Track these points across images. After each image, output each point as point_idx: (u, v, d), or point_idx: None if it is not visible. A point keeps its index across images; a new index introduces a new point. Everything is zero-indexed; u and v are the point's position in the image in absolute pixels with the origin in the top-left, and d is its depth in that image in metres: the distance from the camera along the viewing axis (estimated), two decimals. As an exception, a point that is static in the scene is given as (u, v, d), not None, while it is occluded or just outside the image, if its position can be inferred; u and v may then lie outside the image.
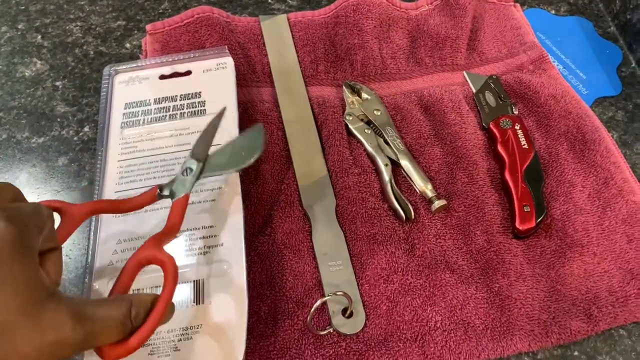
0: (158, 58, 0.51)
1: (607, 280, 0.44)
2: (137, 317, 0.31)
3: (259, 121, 0.51)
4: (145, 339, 0.31)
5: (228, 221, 0.42)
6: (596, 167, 0.49)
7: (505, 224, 0.47)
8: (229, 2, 0.62)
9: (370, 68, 0.55)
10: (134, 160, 0.45)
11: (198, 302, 0.39)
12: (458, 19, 0.56)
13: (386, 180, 0.48)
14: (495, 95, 0.53)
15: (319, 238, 0.45)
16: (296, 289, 0.43)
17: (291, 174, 0.48)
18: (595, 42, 0.61)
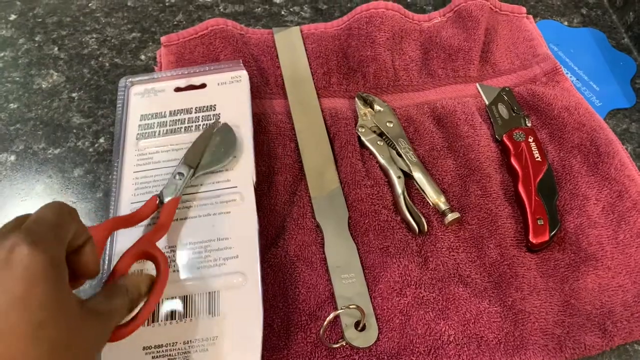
0: (173, 71, 0.52)
1: (621, 295, 0.44)
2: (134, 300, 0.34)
3: (272, 133, 0.51)
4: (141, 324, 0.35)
5: (243, 233, 0.43)
6: (610, 180, 0.48)
7: (519, 237, 0.47)
8: (243, 15, 0.62)
9: (383, 80, 0.55)
10: (150, 172, 0.46)
11: (213, 314, 0.39)
12: (471, 31, 0.56)
13: (399, 192, 0.48)
14: (508, 107, 0.53)
15: (332, 251, 0.45)
16: (309, 301, 0.43)
17: (304, 185, 0.49)
18: (608, 54, 0.60)
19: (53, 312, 0.27)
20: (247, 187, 0.45)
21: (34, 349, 0.26)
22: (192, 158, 0.44)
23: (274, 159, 0.49)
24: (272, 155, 0.50)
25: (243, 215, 0.43)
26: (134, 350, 0.38)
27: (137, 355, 0.38)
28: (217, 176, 0.45)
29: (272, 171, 0.49)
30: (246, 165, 0.46)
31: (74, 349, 0.28)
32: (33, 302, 0.26)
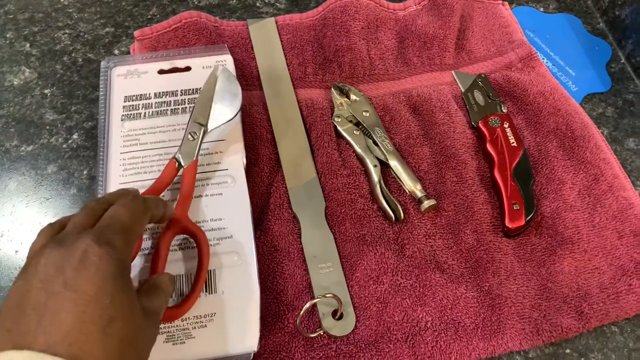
0: (157, 53, 0.52)
1: (597, 277, 0.44)
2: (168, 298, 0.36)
3: (247, 124, 0.51)
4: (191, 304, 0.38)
5: (235, 214, 0.43)
6: (586, 164, 0.49)
7: (496, 223, 0.47)
8: (218, 7, 0.62)
9: (359, 69, 0.55)
10: (137, 153, 0.46)
11: (210, 291, 0.40)
12: (445, 19, 0.56)
13: (375, 181, 0.47)
14: (484, 94, 0.53)
15: (309, 240, 0.45)
16: (286, 292, 0.43)
17: (280, 176, 0.48)
18: (584, 39, 0.61)
19: (121, 310, 0.29)
20: (237, 169, 0.46)
21: (105, 343, 0.28)
22: (201, 114, 0.44)
23: (250, 150, 0.49)
24: (248, 147, 0.49)
25: (235, 197, 0.44)
26: None
27: None
28: (207, 158, 0.46)
29: (249, 163, 0.48)
30: (236, 148, 0.46)
31: (138, 345, 0.30)
32: (104, 301, 0.29)
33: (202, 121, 0.44)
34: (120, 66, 0.51)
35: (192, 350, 0.38)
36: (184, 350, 0.38)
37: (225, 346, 0.38)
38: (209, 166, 0.45)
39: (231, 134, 0.47)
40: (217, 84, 0.46)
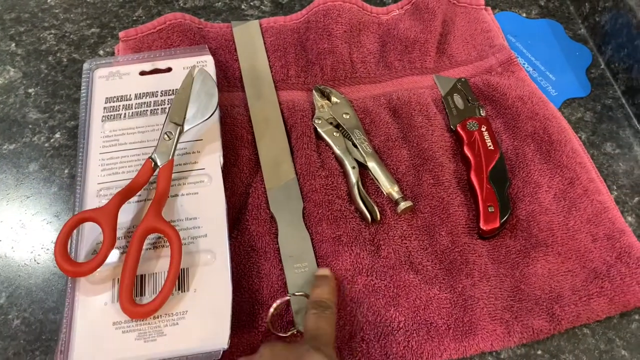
0: (139, 54, 0.53)
1: (570, 280, 0.44)
2: None
3: (228, 125, 0.51)
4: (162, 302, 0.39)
5: (211, 213, 0.44)
6: (562, 168, 0.49)
7: (471, 225, 0.47)
8: (203, 9, 0.62)
9: (340, 72, 0.56)
10: (116, 153, 0.47)
11: (183, 289, 0.41)
12: (427, 23, 0.57)
13: (353, 182, 0.48)
14: (463, 97, 0.54)
15: (285, 240, 0.45)
16: (262, 291, 0.43)
17: (259, 177, 0.49)
18: (565, 44, 0.61)
19: None
20: (214, 168, 0.46)
21: None
22: (177, 114, 0.45)
23: (230, 151, 0.50)
24: (228, 148, 0.50)
25: (211, 196, 0.45)
26: (104, 325, 0.39)
27: (107, 331, 0.39)
28: (185, 158, 0.46)
29: (229, 163, 0.49)
30: (213, 147, 0.47)
31: None
32: None
33: (178, 121, 0.45)
34: (103, 68, 0.51)
35: (163, 347, 0.38)
36: (155, 347, 0.38)
37: (195, 343, 0.38)
38: (185, 165, 0.46)
39: (209, 133, 0.48)
40: (193, 84, 0.46)
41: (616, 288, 0.43)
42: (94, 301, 0.40)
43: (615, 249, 0.45)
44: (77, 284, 0.41)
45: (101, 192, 0.45)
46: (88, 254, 0.42)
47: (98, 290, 0.40)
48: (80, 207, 0.44)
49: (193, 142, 0.47)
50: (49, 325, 0.43)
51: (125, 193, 0.42)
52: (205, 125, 0.47)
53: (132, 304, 0.39)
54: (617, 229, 0.46)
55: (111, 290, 0.40)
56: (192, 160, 0.46)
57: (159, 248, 0.42)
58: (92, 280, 0.41)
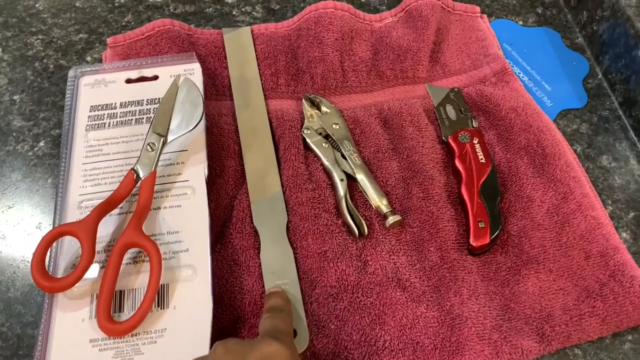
0: (125, 62, 0.52)
1: (562, 298, 0.43)
2: None
3: (215, 134, 0.50)
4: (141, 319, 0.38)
5: (193, 227, 0.43)
6: (555, 182, 0.48)
7: (461, 240, 0.46)
8: (194, 15, 0.61)
9: (331, 81, 0.54)
10: (99, 164, 0.46)
11: (162, 306, 0.40)
12: (420, 32, 0.55)
13: (341, 195, 0.47)
14: (456, 108, 0.53)
15: (267, 256, 0.44)
16: (243, 307, 0.42)
17: (245, 189, 0.48)
18: (562, 53, 0.60)
19: None
20: (198, 180, 0.45)
21: None
22: (160, 125, 0.44)
23: (216, 162, 0.49)
24: (214, 158, 0.49)
25: (194, 209, 0.44)
26: (81, 342, 0.38)
27: (84, 348, 0.38)
28: (168, 169, 0.45)
29: (214, 174, 0.48)
30: (198, 159, 0.46)
31: None
32: None
33: (162, 132, 0.44)
34: (88, 75, 0.50)
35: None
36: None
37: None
38: (169, 177, 0.45)
39: (194, 144, 0.47)
40: (178, 94, 0.45)
41: (609, 308, 0.42)
42: (72, 317, 0.39)
43: (608, 266, 0.44)
44: (54, 299, 0.40)
45: (82, 204, 0.44)
46: (67, 268, 0.41)
47: (76, 306, 0.40)
48: (60, 219, 0.43)
49: (178, 153, 0.46)
50: (27, 341, 0.42)
51: (105, 206, 0.41)
52: (191, 135, 0.46)
53: (109, 321, 0.38)
54: (611, 245, 0.45)
55: (89, 306, 0.40)
56: (176, 171, 0.45)
57: (139, 263, 0.41)
58: (70, 296, 0.40)
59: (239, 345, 0.33)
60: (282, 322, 0.37)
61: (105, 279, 0.39)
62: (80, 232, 0.39)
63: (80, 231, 0.40)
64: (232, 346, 0.33)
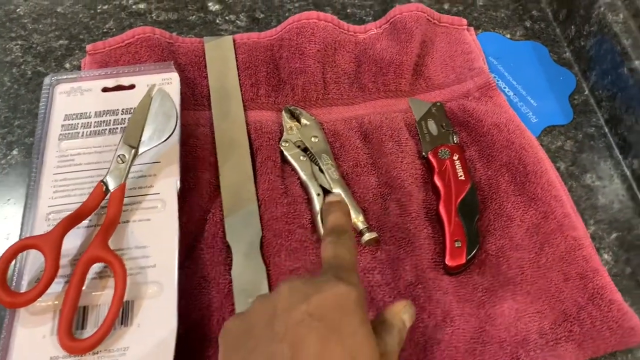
0: (102, 70, 0.51)
1: (538, 322, 0.42)
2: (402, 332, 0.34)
3: (190, 145, 0.49)
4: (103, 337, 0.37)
5: (162, 242, 0.42)
6: (536, 201, 0.47)
7: (438, 259, 0.45)
8: (176, 22, 0.60)
9: (312, 93, 0.54)
10: (70, 174, 0.45)
11: (126, 324, 0.39)
12: (404, 44, 0.54)
13: (317, 210, 0.46)
14: (437, 123, 0.52)
15: (239, 272, 0.43)
16: (211, 326, 0.41)
17: (219, 203, 0.47)
18: (549, 68, 0.59)
19: (363, 344, 0.29)
20: (170, 194, 0.44)
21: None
22: (131, 136, 0.43)
23: (190, 174, 0.48)
24: (188, 170, 0.48)
25: (163, 223, 0.43)
26: None
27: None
28: (140, 181, 0.44)
29: (187, 187, 0.47)
30: (171, 171, 0.45)
31: None
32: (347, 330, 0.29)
33: (133, 143, 0.43)
34: (64, 83, 0.50)
35: (99, 387, 0.36)
36: (91, 386, 0.36)
37: None
38: (140, 189, 0.44)
39: (167, 156, 0.46)
40: (151, 104, 0.44)
41: (585, 332, 0.41)
42: (33, 333, 0.38)
43: (587, 289, 0.43)
44: (16, 314, 0.39)
45: (50, 216, 0.43)
46: (31, 282, 0.40)
47: (38, 321, 0.38)
48: (28, 231, 0.42)
49: (150, 165, 0.45)
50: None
51: (72, 219, 0.40)
52: (164, 147, 0.45)
53: (70, 338, 0.37)
54: (591, 267, 0.44)
55: (52, 322, 0.38)
56: (148, 184, 0.45)
57: (105, 278, 0.40)
58: (32, 311, 0.39)
59: (304, 285, 0.31)
60: (346, 251, 0.35)
61: (68, 295, 0.38)
62: (44, 246, 0.39)
63: (45, 244, 0.39)
64: (297, 286, 0.31)
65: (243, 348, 0.30)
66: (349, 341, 0.29)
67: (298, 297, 0.30)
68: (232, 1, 0.62)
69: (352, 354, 0.28)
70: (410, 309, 0.35)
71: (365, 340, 0.29)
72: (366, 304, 0.32)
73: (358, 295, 0.31)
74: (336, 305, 0.30)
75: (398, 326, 0.33)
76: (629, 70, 0.51)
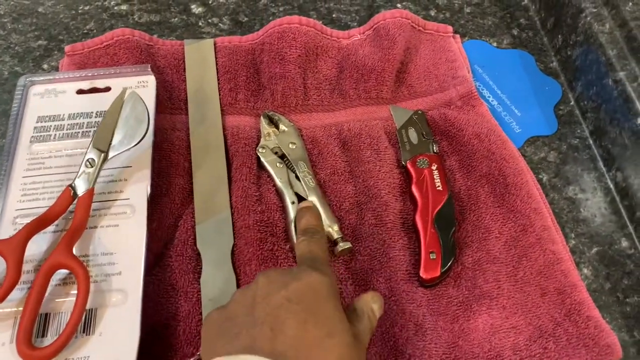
0: (77, 72, 0.50)
1: (513, 337, 0.41)
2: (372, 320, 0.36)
3: (165, 150, 0.48)
4: (62, 346, 0.36)
5: (129, 249, 0.41)
6: (515, 213, 0.46)
7: (412, 271, 0.44)
8: (158, 25, 0.60)
9: (291, 99, 0.53)
10: (40, 178, 0.44)
11: (88, 332, 0.38)
12: (386, 51, 0.54)
13: (291, 218, 0.45)
14: (418, 131, 0.51)
15: (208, 281, 0.42)
16: (177, 336, 0.40)
17: (191, 209, 0.46)
18: (535, 78, 0.58)
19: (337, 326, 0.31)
20: (140, 199, 0.43)
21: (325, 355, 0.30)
22: (101, 140, 0.42)
23: (163, 178, 0.47)
24: (161, 175, 0.47)
25: (131, 230, 0.42)
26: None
27: None
28: (110, 186, 0.44)
29: (160, 192, 0.46)
30: (142, 176, 0.44)
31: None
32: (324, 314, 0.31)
33: (103, 147, 0.42)
34: (39, 85, 0.49)
35: (58, 396, 0.35)
36: (50, 396, 0.35)
37: None
38: (110, 195, 0.43)
39: (139, 160, 0.45)
40: (123, 108, 0.43)
41: (561, 350, 0.40)
42: (-8, 341, 0.37)
43: (565, 305, 0.42)
44: (-25, 321, 0.38)
45: (17, 220, 0.42)
46: (-7, 288, 0.39)
47: (-3, 328, 0.38)
48: None
49: (121, 169, 0.45)
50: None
51: (38, 223, 0.40)
52: (136, 151, 0.44)
53: (28, 346, 0.36)
54: (569, 282, 0.43)
55: (12, 329, 0.38)
56: (118, 189, 0.44)
57: (69, 285, 0.39)
58: (-8, 318, 0.38)
59: (281, 274, 0.33)
60: (318, 247, 0.38)
61: (28, 302, 0.37)
62: (5, 250, 0.38)
63: (6, 249, 0.38)
64: (274, 275, 0.33)
65: (226, 335, 0.31)
66: (325, 323, 0.31)
67: (276, 285, 0.32)
68: (215, 4, 0.62)
69: (329, 334, 0.30)
70: (379, 299, 0.36)
71: (339, 323, 0.31)
72: (339, 293, 0.34)
73: (331, 284, 0.33)
74: (312, 291, 0.32)
75: (368, 314, 0.35)
76: (613, 81, 0.50)
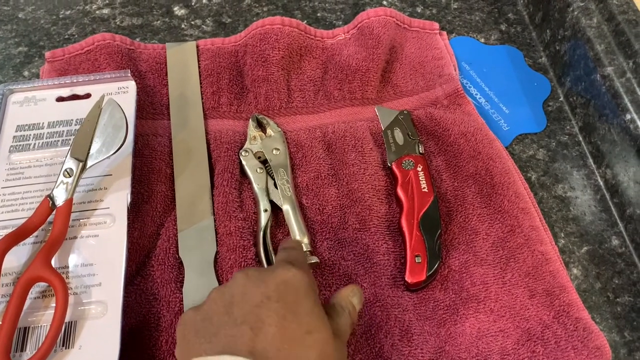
0: (57, 79, 0.49)
1: (501, 341, 0.40)
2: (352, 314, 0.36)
3: (146, 156, 0.48)
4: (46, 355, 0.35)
5: (109, 260, 0.40)
6: (503, 214, 0.45)
7: (397, 276, 0.43)
8: (140, 28, 0.59)
9: (275, 102, 0.52)
10: (19, 188, 0.43)
11: (67, 345, 0.37)
12: (370, 50, 0.53)
13: (261, 226, 0.44)
14: (404, 132, 0.50)
15: (190, 290, 0.41)
16: (160, 346, 0.40)
17: (173, 217, 0.45)
18: (523, 74, 0.57)
19: (317, 323, 0.31)
20: (120, 209, 0.43)
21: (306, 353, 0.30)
22: (79, 149, 0.42)
23: (144, 186, 0.46)
24: (143, 182, 0.46)
25: (111, 240, 0.41)
26: None
27: None
28: (89, 195, 0.43)
29: (141, 200, 0.45)
30: (122, 184, 0.44)
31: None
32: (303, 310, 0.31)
33: (81, 157, 0.41)
34: (18, 93, 0.48)
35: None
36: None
37: None
38: (89, 204, 0.42)
39: (119, 168, 0.44)
40: (100, 116, 0.43)
41: (549, 353, 0.39)
42: (-31, 356, 0.37)
43: (553, 306, 0.41)
44: (-48, 336, 0.37)
45: (-4, 232, 0.41)
46: (-28, 301, 0.38)
47: (-25, 343, 0.37)
48: None
49: (101, 178, 0.44)
50: None
51: (16, 235, 0.39)
52: (116, 158, 0.44)
53: None
54: (558, 284, 0.42)
55: (-10, 344, 0.37)
56: (98, 197, 0.43)
57: (48, 298, 0.39)
58: (-31, 333, 0.37)
59: (258, 272, 0.33)
60: (297, 255, 0.37)
61: (6, 315, 0.36)
62: None
63: None
64: (252, 273, 0.33)
65: (202, 335, 0.31)
66: (305, 319, 0.31)
67: (254, 282, 0.32)
68: (198, 5, 0.61)
69: (309, 331, 0.30)
70: (359, 292, 0.36)
71: (319, 320, 0.31)
72: (317, 289, 0.34)
73: (310, 280, 0.33)
74: (291, 287, 0.32)
75: (348, 308, 0.35)
76: (601, 77, 0.49)
